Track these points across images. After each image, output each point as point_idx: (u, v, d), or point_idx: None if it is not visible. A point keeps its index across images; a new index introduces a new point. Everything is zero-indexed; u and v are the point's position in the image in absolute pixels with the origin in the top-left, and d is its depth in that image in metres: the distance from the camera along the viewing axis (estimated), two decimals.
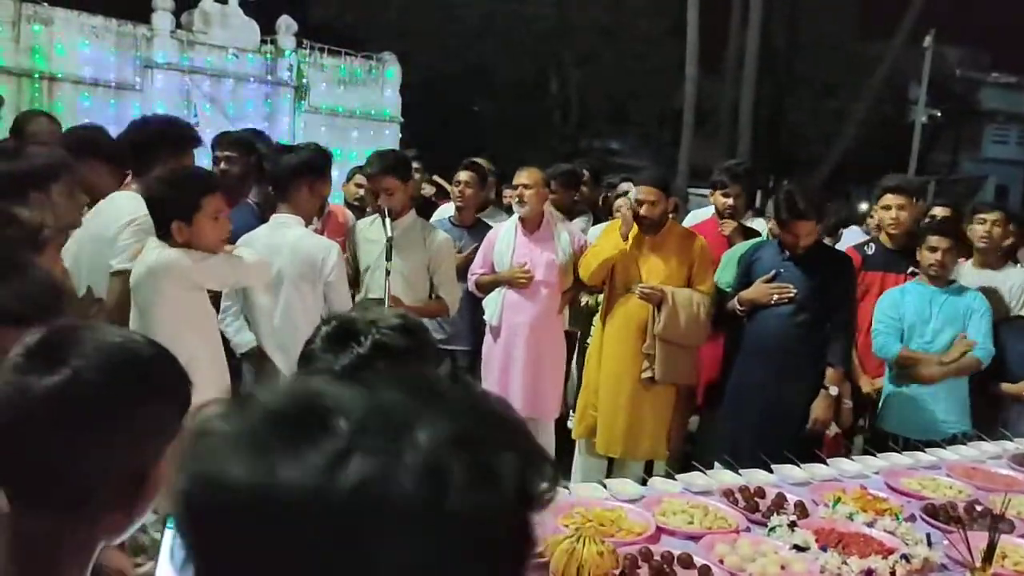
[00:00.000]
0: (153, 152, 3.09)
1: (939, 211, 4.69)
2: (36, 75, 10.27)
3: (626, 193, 4.84)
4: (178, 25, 11.34)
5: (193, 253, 2.68)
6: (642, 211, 3.89)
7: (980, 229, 4.19)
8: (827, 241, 4.73)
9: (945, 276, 3.91)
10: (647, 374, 3.88)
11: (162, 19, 11.09)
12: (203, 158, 4.13)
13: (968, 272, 4.20)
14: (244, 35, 11.68)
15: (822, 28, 21.76)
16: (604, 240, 4.05)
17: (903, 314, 3.93)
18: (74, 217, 2.68)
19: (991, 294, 4.05)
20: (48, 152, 2.96)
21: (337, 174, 5.09)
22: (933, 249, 3.86)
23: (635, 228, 3.93)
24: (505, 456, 0.49)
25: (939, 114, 25.72)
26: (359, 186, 5.08)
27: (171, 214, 2.67)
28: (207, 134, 10.11)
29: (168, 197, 2.69)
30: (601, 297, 4.21)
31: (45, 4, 10.54)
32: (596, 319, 4.18)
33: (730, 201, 4.54)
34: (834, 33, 21.83)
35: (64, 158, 2.97)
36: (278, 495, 0.43)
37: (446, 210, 4.99)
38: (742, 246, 4.16)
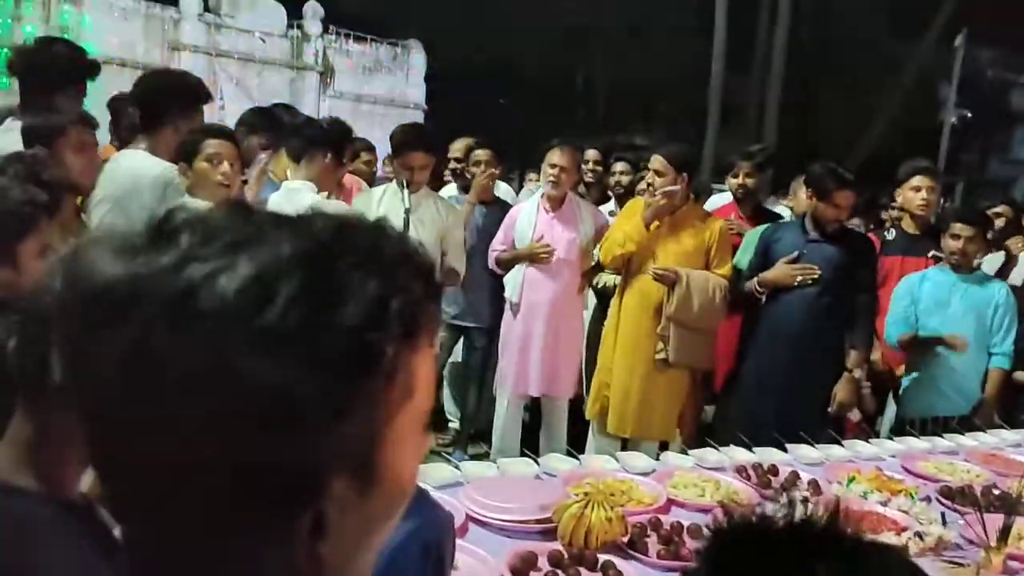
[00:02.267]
0: (162, 109, 3.05)
1: (1003, 209, 4.68)
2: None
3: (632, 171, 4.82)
4: (206, 8, 11.43)
5: None
6: (657, 182, 3.82)
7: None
8: None
9: (968, 264, 3.85)
10: (660, 355, 3.85)
11: (189, 2, 11.18)
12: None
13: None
14: (271, 19, 11.77)
15: (852, 26, 21.50)
16: (624, 222, 3.99)
17: (919, 298, 3.89)
18: (88, 176, 2.68)
19: None
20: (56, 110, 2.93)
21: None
22: (956, 236, 3.81)
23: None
24: (365, 283, 0.50)
25: (969, 115, 25.36)
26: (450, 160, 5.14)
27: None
28: (232, 116, 10.14)
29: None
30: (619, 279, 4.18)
31: None
32: (613, 300, 4.15)
33: (739, 180, 4.49)
34: (864, 31, 21.57)
35: (78, 110, 2.96)
36: (130, 288, 0.49)
37: (451, 188, 4.99)
38: (762, 228, 4.10)
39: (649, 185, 3.83)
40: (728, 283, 3.88)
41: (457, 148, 5.09)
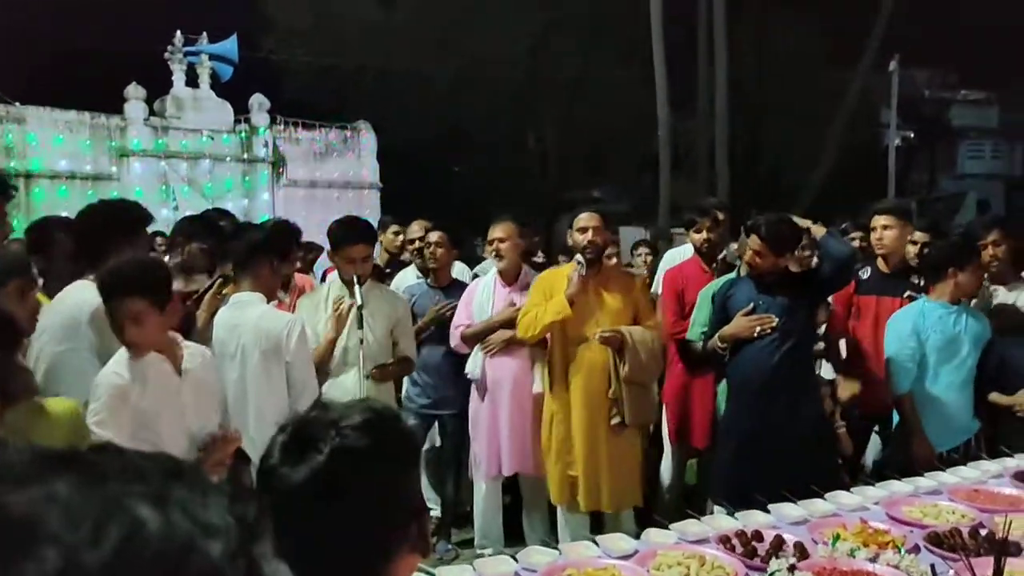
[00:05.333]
0: (104, 240, 3.01)
1: (919, 236, 4.53)
2: (12, 174, 10.32)
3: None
4: (152, 112, 11.47)
5: None
6: (588, 237, 3.80)
7: (985, 254, 4.15)
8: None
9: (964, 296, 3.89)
10: (616, 420, 3.80)
11: (135, 108, 11.23)
12: None
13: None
14: (218, 116, 11.83)
15: (789, 58, 22.11)
16: (539, 298, 3.89)
17: (927, 337, 3.81)
18: (27, 321, 2.61)
19: (1008, 309, 4.03)
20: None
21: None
22: (952, 272, 3.78)
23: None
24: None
25: (912, 135, 26.04)
26: (397, 234, 5.22)
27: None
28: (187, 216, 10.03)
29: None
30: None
31: (17, 104, 10.64)
32: (542, 377, 4.05)
33: (703, 236, 4.53)
34: (801, 62, 22.17)
35: (18, 259, 2.92)
36: None
37: (408, 273, 4.97)
38: (714, 284, 4.13)
39: (589, 243, 3.81)
40: (659, 333, 3.96)
41: (414, 230, 5.13)
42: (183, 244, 3.98)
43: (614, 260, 4.71)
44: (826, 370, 4.56)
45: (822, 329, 4.41)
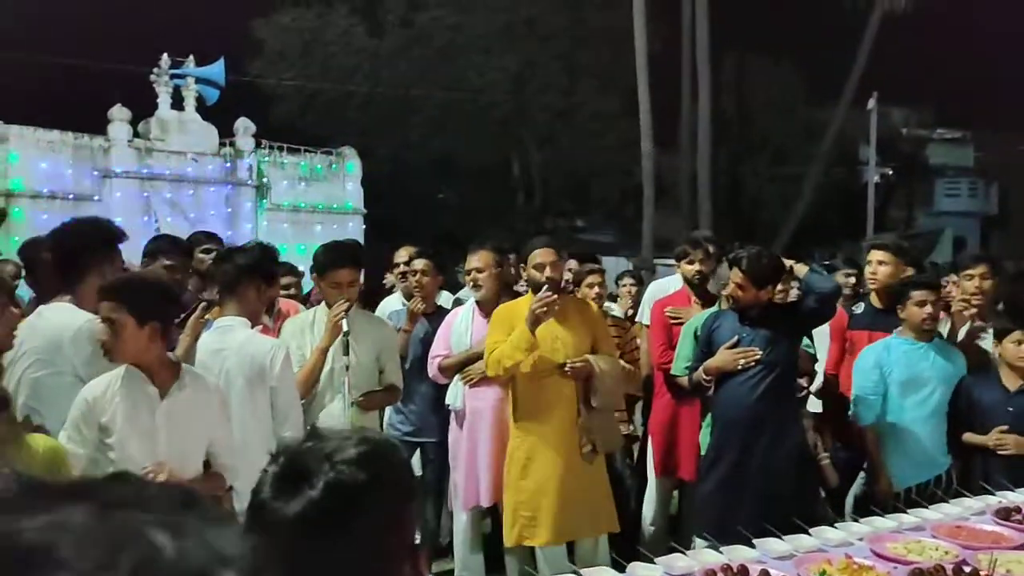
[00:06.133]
0: (79, 258, 2.98)
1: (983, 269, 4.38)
2: None
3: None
4: (136, 134, 11.42)
5: None
6: (547, 273, 3.77)
7: (971, 285, 4.19)
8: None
9: (934, 330, 3.91)
10: (587, 448, 3.80)
11: (119, 130, 11.17)
12: None
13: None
14: (202, 139, 11.79)
15: (770, 96, 22.49)
16: (498, 334, 3.80)
17: (890, 371, 3.88)
18: (5, 337, 2.60)
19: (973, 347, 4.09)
20: None
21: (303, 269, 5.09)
22: (922, 303, 3.84)
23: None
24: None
25: (890, 172, 26.44)
26: (396, 265, 5.15)
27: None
28: None
29: None
30: None
31: (0, 123, 10.57)
32: (508, 415, 3.97)
33: (695, 267, 4.56)
34: (782, 100, 22.55)
35: None
36: None
37: (394, 300, 4.95)
38: (698, 318, 4.15)
39: (548, 279, 3.77)
40: (617, 358, 4.05)
41: (401, 255, 5.13)
42: (149, 263, 3.97)
43: (596, 290, 4.72)
44: (812, 403, 4.57)
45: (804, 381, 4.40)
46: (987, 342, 4.13)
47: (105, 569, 0.47)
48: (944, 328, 4.24)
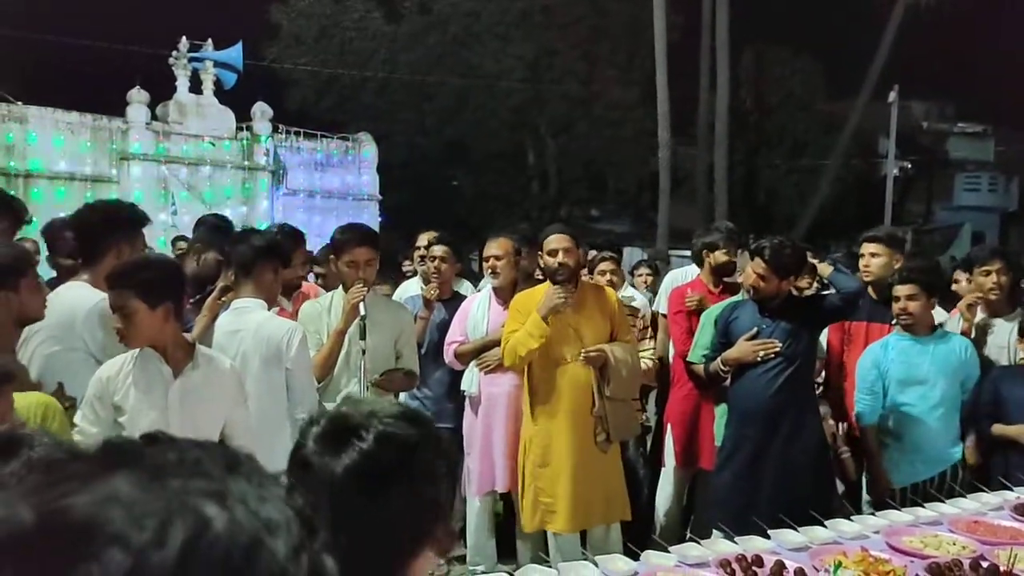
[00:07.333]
0: (102, 240, 2.98)
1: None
2: (12, 173, 10.29)
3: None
4: (154, 116, 11.45)
5: None
6: (559, 259, 3.77)
7: (988, 281, 4.14)
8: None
9: (919, 324, 3.85)
10: (601, 437, 3.79)
11: (137, 112, 11.20)
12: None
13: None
14: (220, 123, 11.81)
15: (789, 88, 22.30)
16: (515, 322, 3.82)
17: (888, 370, 3.88)
18: (39, 310, 2.63)
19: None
20: (11, 246, 2.91)
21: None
22: (896, 298, 3.84)
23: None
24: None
25: (909, 166, 26.20)
26: (416, 248, 5.12)
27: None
28: (185, 221, 10.05)
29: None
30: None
31: (20, 104, 10.62)
32: (524, 402, 3.96)
33: (728, 257, 4.60)
34: (802, 93, 22.36)
35: (28, 252, 2.93)
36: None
37: (412, 284, 4.95)
38: (717, 307, 4.13)
39: (560, 265, 3.77)
40: (634, 347, 3.99)
41: (422, 240, 5.12)
42: (201, 252, 3.93)
43: (608, 276, 4.71)
44: None
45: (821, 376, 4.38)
46: (996, 335, 4.09)
47: (157, 545, 0.46)
48: (955, 324, 4.20)
